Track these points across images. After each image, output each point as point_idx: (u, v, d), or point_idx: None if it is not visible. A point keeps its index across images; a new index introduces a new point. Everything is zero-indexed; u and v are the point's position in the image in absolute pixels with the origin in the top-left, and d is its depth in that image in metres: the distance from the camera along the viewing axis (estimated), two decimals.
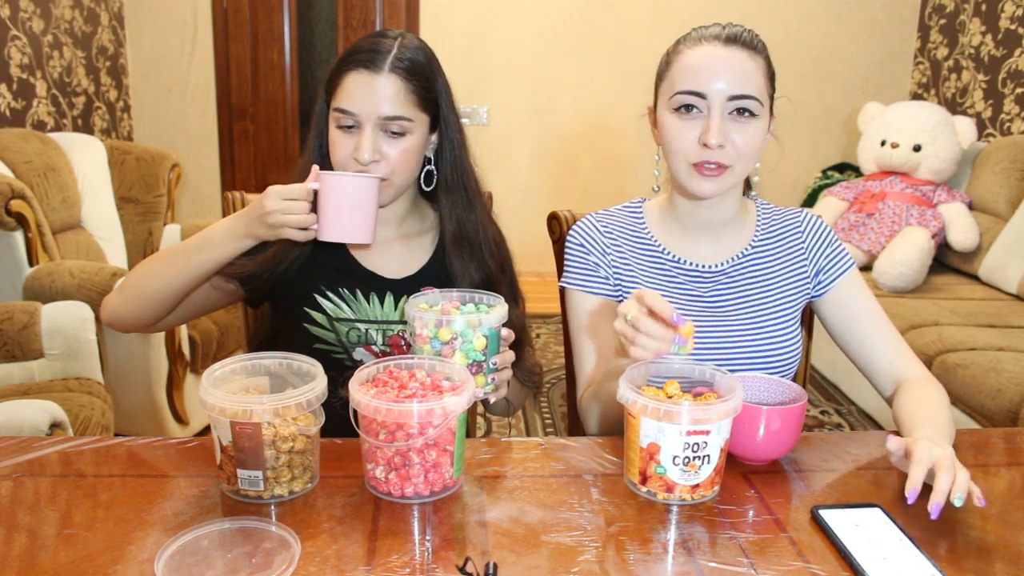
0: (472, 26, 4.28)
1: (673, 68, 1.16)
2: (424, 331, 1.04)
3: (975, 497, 0.89)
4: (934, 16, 4.30)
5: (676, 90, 1.14)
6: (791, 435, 1.02)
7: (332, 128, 1.20)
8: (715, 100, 1.11)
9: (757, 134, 1.14)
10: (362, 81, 1.17)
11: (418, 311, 1.05)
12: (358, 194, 1.11)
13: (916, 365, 1.21)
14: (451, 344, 1.04)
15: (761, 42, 1.17)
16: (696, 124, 1.13)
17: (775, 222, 1.29)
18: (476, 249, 1.28)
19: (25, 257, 2.45)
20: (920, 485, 0.89)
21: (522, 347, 1.31)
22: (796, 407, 1.01)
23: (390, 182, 1.20)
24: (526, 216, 3.15)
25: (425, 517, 0.89)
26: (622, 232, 1.27)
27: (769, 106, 1.17)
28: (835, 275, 1.25)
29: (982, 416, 2.38)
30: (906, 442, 0.96)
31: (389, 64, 1.17)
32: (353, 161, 1.18)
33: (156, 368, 2.48)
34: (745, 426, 0.99)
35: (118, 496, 0.92)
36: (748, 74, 1.13)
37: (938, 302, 3.05)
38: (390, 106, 1.17)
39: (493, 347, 1.07)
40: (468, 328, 1.04)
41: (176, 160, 3.32)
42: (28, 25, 3.26)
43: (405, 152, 1.20)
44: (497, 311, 1.07)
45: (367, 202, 1.12)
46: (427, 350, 1.05)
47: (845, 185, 3.71)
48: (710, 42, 1.14)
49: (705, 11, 4.25)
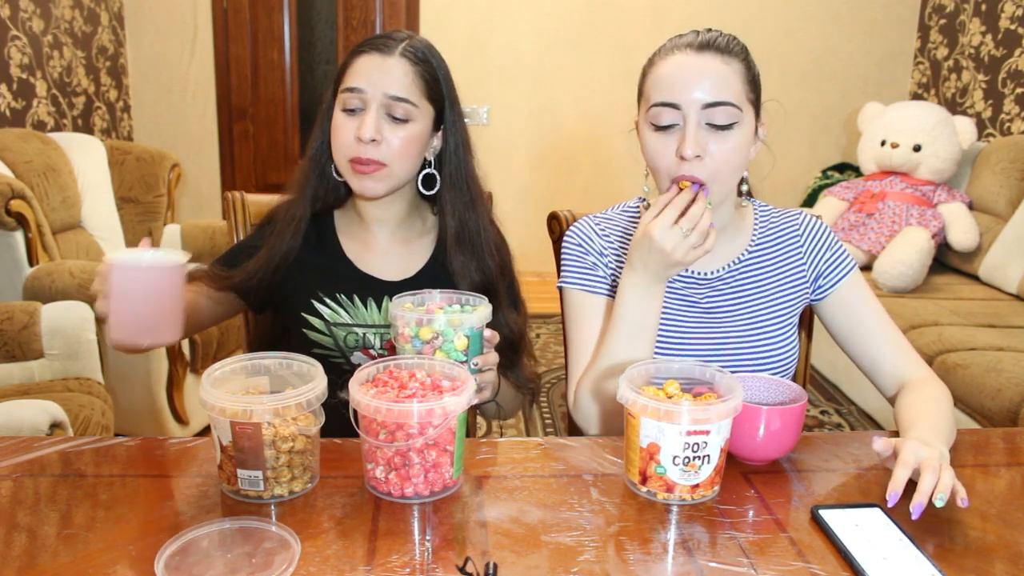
0: (472, 26, 4.28)
1: (648, 81, 1.14)
2: (406, 330, 1.04)
3: (959, 498, 0.89)
4: (934, 16, 4.30)
5: (651, 103, 1.12)
6: (791, 435, 1.02)
7: (337, 112, 1.21)
8: (689, 110, 1.08)
9: (739, 144, 1.10)
10: (372, 62, 1.18)
11: (400, 310, 1.05)
12: (149, 288, 0.93)
13: (919, 366, 1.21)
14: (432, 343, 1.04)
15: (739, 45, 1.13)
16: (674, 139, 1.10)
17: (772, 226, 1.27)
18: (477, 250, 1.27)
19: (25, 257, 2.45)
20: (902, 487, 0.89)
21: (520, 355, 1.31)
22: (796, 407, 1.01)
23: (388, 171, 1.20)
24: (526, 216, 3.15)
25: (425, 517, 0.89)
26: (619, 235, 1.26)
27: (755, 112, 1.14)
28: (836, 278, 1.24)
29: (982, 416, 2.37)
30: (894, 442, 0.96)
31: (400, 49, 1.19)
32: (354, 142, 1.18)
33: (156, 368, 2.48)
34: (745, 426, 0.99)
35: (118, 496, 0.92)
36: (722, 79, 1.09)
37: (938, 302, 3.05)
38: (397, 86, 1.18)
39: (475, 348, 1.07)
40: (449, 328, 1.03)
41: (176, 160, 3.32)
42: (28, 25, 3.26)
43: (407, 140, 1.20)
44: (480, 312, 1.07)
45: (165, 296, 0.94)
46: (408, 349, 1.05)
47: (845, 185, 3.71)
48: (682, 51, 1.11)
49: (705, 11, 4.25)
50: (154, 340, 0.96)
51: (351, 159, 1.19)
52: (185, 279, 0.97)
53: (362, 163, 1.18)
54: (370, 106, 1.18)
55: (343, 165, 1.21)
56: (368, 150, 1.17)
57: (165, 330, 0.96)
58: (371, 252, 1.29)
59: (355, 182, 1.21)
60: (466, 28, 4.28)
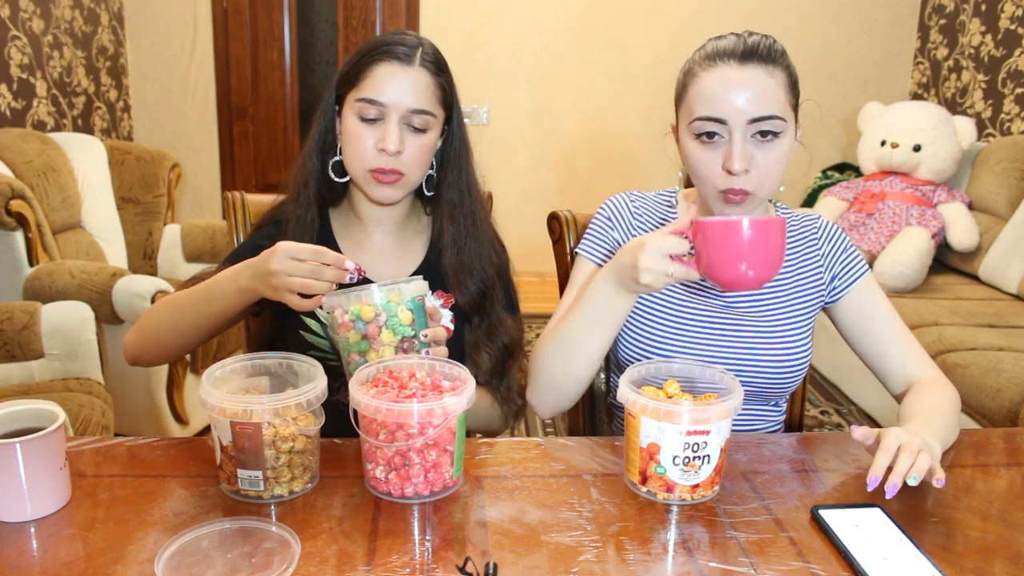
0: (472, 26, 4.28)
1: (690, 92, 1.13)
2: (345, 317, 1.01)
3: (935, 478, 0.90)
4: (934, 16, 4.30)
5: (695, 116, 1.10)
6: (774, 250, 0.97)
7: (351, 120, 1.19)
8: (735, 124, 1.08)
9: (782, 153, 1.11)
10: (394, 72, 1.16)
11: (340, 298, 1.00)
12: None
13: (929, 367, 1.21)
14: (375, 322, 1.00)
15: (779, 50, 1.12)
16: (719, 151, 1.10)
17: (793, 227, 1.28)
18: (474, 250, 1.27)
19: (25, 257, 2.45)
20: (882, 472, 0.90)
21: (514, 363, 1.28)
22: (775, 219, 0.97)
23: (406, 179, 1.20)
24: (526, 216, 3.15)
25: (425, 517, 0.89)
26: (651, 217, 1.26)
27: (794, 117, 1.14)
28: (850, 280, 1.24)
29: (982, 416, 2.37)
30: (876, 432, 0.97)
31: (419, 59, 1.18)
32: (377, 152, 1.17)
33: (156, 368, 2.48)
34: (725, 244, 0.95)
35: (118, 496, 0.92)
36: (768, 93, 1.08)
37: (938, 302, 3.05)
38: (419, 100, 1.17)
39: (421, 321, 1.04)
40: (390, 302, 1.00)
41: (176, 160, 3.32)
42: (28, 25, 3.26)
43: (423, 148, 1.20)
44: (417, 282, 1.04)
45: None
46: (352, 338, 1.01)
47: (845, 185, 3.71)
48: (725, 62, 1.09)
49: (705, 11, 4.25)
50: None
51: (372, 169, 1.18)
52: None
53: (384, 172, 1.18)
54: (391, 117, 1.16)
55: (360, 173, 1.20)
56: (390, 160, 1.17)
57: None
58: (366, 253, 1.29)
59: (374, 191, 1.20)
60: (466, 28, 4.28)
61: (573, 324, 1.13)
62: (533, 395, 1.20)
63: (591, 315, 1.11)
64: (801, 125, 1.17)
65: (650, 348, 1.20)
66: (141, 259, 3.18)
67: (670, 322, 1.20)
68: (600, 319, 1.10)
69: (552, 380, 1.16)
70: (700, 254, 0.98)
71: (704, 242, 0.97)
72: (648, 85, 4.38)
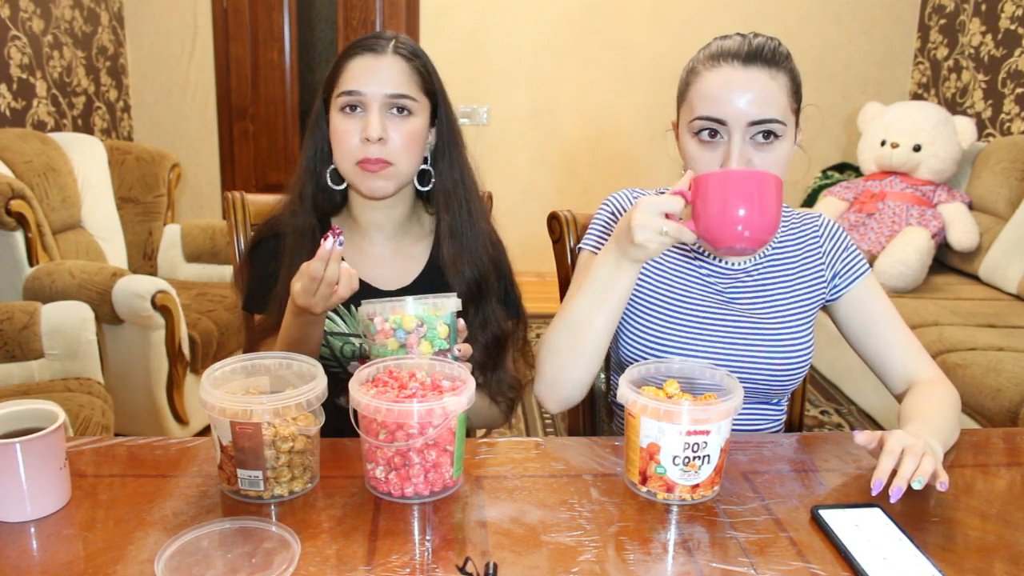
0: (472, 26, 4.28)
1: (692, 90, 1.13)
2: (385, 325, 1.04)
3: (938, 482, 0.90)
4: (934, 16, 4.30)
5: (695, 115, 1.11)
6: (770, 202, 0.96)
7: (335, 116, 1.20)
8: (735, 126, 1.08)
9: (782, 156, 1.11)
10: (367, 63, 1.18)
11: (377, 306, 1.05)
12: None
13: (929, 367, 1.21)
14: (416, 332, 1.04)
15: (784, 53, 1.12)
16: (719, 151, 1.10)
17: (794, 226, 1.28)
18: (469, 241, 1.26)
19: (25, 257, 2.45)
20: (886, 476, 0.91)
21: (504, 356, 1.28)
22: (770, 175, 0.97)
23: (395, 168, 1.20)
24: (526, 216, 3.15)
25: (425, 517, 0.89)
26: None
27: (795, 121, 1.14)
28: (851, 279, 1.24)
29: (982, 416, 2.37)
30: (879, 434, 0.97)
31: (392, 47, 1.20)
32: (362, 142, 1.17)
33: (156, 368, 2.48)
34: (721, 192, 0.95)
35: (118, 496, 0.92)
36: (769, 96, 1.08)
37: (938, 302, 3.05)
38: (396, 83, 1.18)
39: (453, 336, 1.08)
40: (431, 315, 1.04)
41: (176, 160, 3.32)
42: (28, 25, 3.26)
43: (410, 134, 1.20)
44: (453, 299, 1.07)
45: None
46: (391, 345, 1.04)
47: (845, 185, 3.71)
48: (729, 63, 1.09)
49: (705, 11, 4.25)
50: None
51: (358, 161, 1.18)
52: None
53: (370, 163, 1.18)
54: (371, 106, 1.17)
55: (349, 168, 1.20)
56: (375, 150, 1.17)
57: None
58: (367, 260, 1.29)
59: (364, 183, 1.20)
60: (466, 28, 4.28)
61: (577, 303, 1.12)
62: (541, 388, 1.18)
63: (594, 291, 1.10)
64: (802, 129, 1.17)
65: (650, 347, 1.20)
66: (141, 259, 3.18)
67: (670, 321, 1.20)
68: (603, 293, 1.09)
69: (559, 367, 1.14)
70: (697, 214, 0.98)
71: (702, 196, 0.97)
72: (648, 85, 4.38)
